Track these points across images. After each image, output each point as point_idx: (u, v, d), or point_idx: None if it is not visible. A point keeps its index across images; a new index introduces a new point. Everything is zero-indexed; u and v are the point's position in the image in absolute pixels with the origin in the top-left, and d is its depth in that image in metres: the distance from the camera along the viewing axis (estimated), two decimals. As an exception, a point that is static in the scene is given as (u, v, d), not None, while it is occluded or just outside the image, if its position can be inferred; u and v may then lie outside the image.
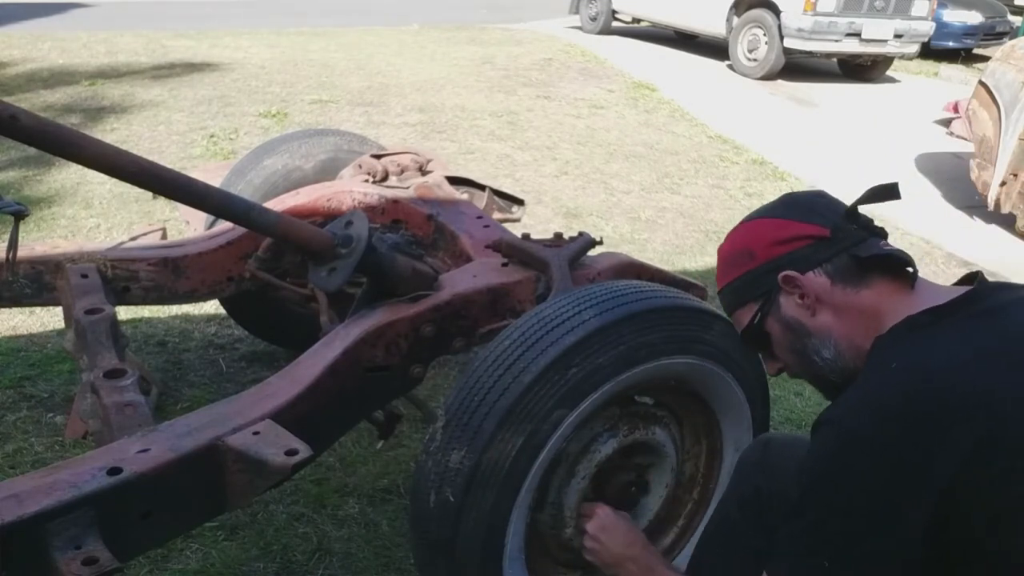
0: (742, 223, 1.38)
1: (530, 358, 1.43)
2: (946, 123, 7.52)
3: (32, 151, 4.10)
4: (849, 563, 1.07)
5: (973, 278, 1.25)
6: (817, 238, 1.26)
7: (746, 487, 1.49)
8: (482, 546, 1.45)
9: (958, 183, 5.65)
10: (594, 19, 11.12)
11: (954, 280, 1.30)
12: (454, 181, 2.51)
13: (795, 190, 1.37)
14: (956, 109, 7.45)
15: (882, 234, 1.29)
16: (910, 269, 1.23)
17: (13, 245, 1.63)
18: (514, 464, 1.42)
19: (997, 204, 4.81)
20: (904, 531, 1.04)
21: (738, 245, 1.35)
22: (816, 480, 1.11)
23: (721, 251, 1.40)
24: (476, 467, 1.40)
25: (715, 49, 9.94)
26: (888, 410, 1.06)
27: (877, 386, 1.12)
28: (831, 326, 1.26)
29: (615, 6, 10.80)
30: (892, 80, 9.90)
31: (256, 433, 1.38)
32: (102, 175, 1.49)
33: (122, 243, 2.18)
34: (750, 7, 9.04)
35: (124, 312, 2.79)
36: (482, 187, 2.59)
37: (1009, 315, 1.14)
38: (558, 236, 2.03)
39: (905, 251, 1.26)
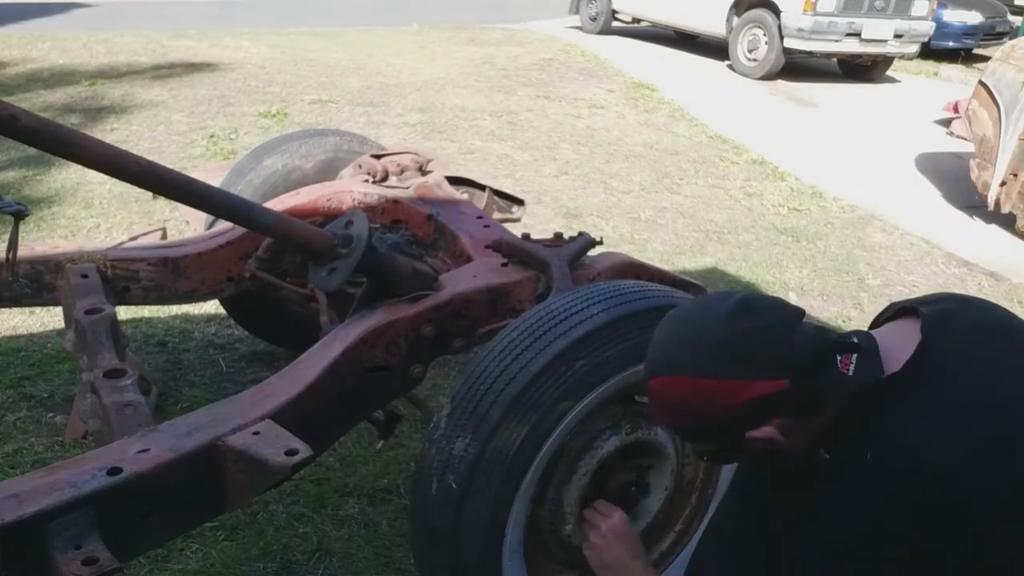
0: (675, 375, 1.16)
1: (538, 349, 1.44)
2: (946, 123, 7.52)
3: (32, 151, 4.10)
4: None
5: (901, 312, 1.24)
6: (773, 395, 1.12)
7: (748, 491, 1.47)
8: (483, 535, 1.46)
9: (958, 183, 5.65)
10: (594, 19, 11.11)
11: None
12: (454, 181, 2.51)
13: (738, 293, 1.24)
14: (956, 109, 7.45)
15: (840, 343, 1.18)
16: (855, 354, 1.16)
17: (13, 245, 1.63)
18: (518, 454, 1.42)
19: (997, 204, 4.81)
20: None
21: (681, 400, 1.16)
22: (855, 536, 1.11)
23: (657, 394, 1.20)
24: (480, 455, 1.41)
25: (715, 49, 9.94)
26: (925, 466, 1.07)
27: (865, 486, 1.11)
28: (804, 443, 1.21)
29: (615, 6, 10.80)
30: (892, 80, 9.90)
31: (256, 433, 1.38)
32: (102, 175, 1.49)
33: (122, 243, 2.18)
34: (750, 7, 9.04)
35: (124, 312, 2.79)
36: (482, 187, 2.59)
37: (965, 378, 1.14)
38: (558, 236, 2.03)
39: (846, 336, 1.20)
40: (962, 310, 1.24)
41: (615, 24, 11.10)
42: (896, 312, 1.29)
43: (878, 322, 1.35)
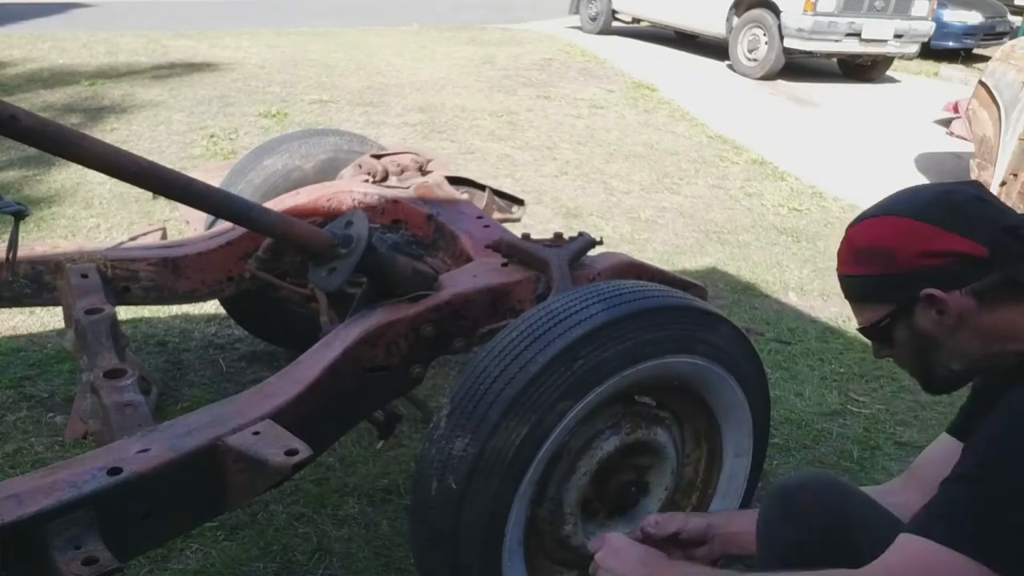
0: (885, 214, 1.23)
1: (537, 348, 1.44)
2: (946, 123, 7.51)
3: (32, 151, 4.10)
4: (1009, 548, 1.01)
5: None
6: (972, 257, 1.14)
7: (780, 545, 1.39)
8: (482, 536, 1.46)
9: (958, 183, 5.65)
10: (594, 19, 11.12)
11: None
12: (454, 181, 2.51)
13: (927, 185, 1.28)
14: (956, 109, 7.44)
15: None
16: None
17: (13, 245, 1.63)
18: (517, 454, 1.42)
19: (997, 204, 4.81)
20: None
21: (878, 240, 1.22)
22: (1002, 452, 1.06)
23: (854, 238, 1.27)
24: (480, 455, 1.41)
25: (715, 49, 9.94)
26: None
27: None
28: (968, 345, 1.19)
29: (615, 6, 10.80)
30: (892, 80, 9.90)
31: (256, 433, 1.38)
32: (102, 175, 1.49)
33: (122, 243, 2.18)
34: (750, 7, 9.04)
35: (124, 312, 2.79)
36: (482, 187, 2.59)
37: None
38: (558, 236, 2.03)
39: None
40: None
41: (615, 24, 11.10)
42: None
43: None
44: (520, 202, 2.67)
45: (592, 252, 2.01)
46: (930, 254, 1.16)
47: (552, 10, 12.85)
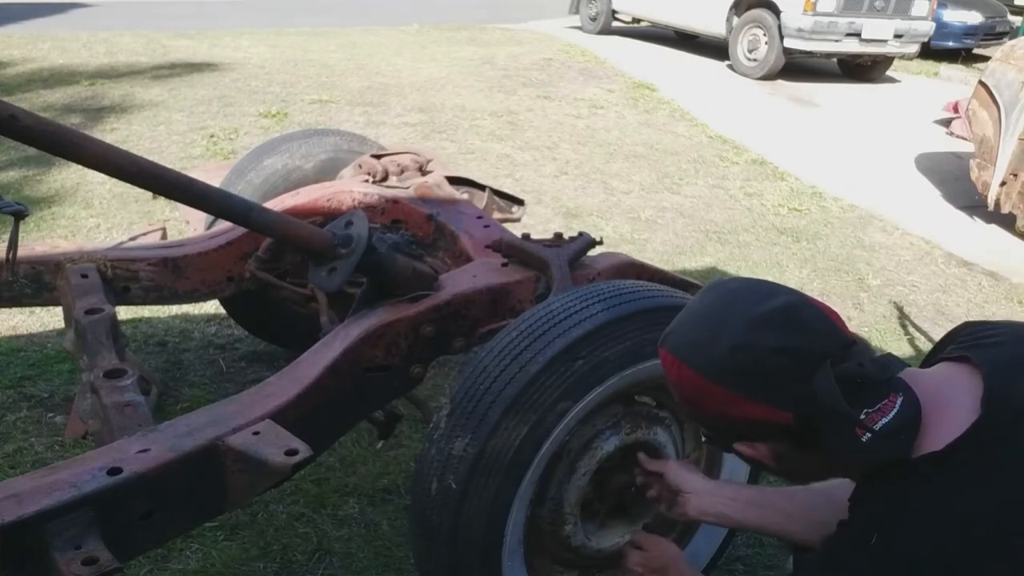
0: (689, 368, 1.08)
1: (537, 348, 1.44)
2: (946, 123, 7.52)
3: (32, 151, 4.10)
4: None
5: (954, 337, 1.14)
6: (773, 422, 1.03)
7: None
8: (482, 536, 1.46)
9: (958, 183, 5.65)
10: (594, 19, 11.11)
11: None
12: (454, 181, 2.51)
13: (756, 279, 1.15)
14: (956, 109, 7.45)
15: (864, 382, 1.02)
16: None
17: (13, 245, 1.63)
18: (517, 453, 1.42)
19: (997, 204, 4.81)
20: None
21: (685, 386, 1.11)
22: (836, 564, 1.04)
23: (667, 367, 1.15)
24: (480, 455, 1.41)
25: (715, 49, 9.94)
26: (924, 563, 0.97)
27: (900, 536, 0.99)
28: (787, 468, 1.14)
29: (615, 6, 10.80)
30: (892, 80, 9.90)
31: (256, 433, 1.38)
32: (102, 175, 1.49)
33: (122, 243, 2.18)
34: (750, 7, 9.03)
35: (124, 312, 2.79)
36: (482, 187, 2.59)
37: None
38: (558, 236, 2.03)
39: (885, 367, 1.04)
40: None
41: (615, 24, 11.09)
42: (956, 353, 1.12)
43: (934, 355, 1.20)
44: (520, 202, 2.67)
45: (592, 252, 2.01)
46: (728, 416, 1.06)
47: (552, 10, 12.85)
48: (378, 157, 2.52)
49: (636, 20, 10.98)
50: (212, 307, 3.05)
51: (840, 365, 1.01)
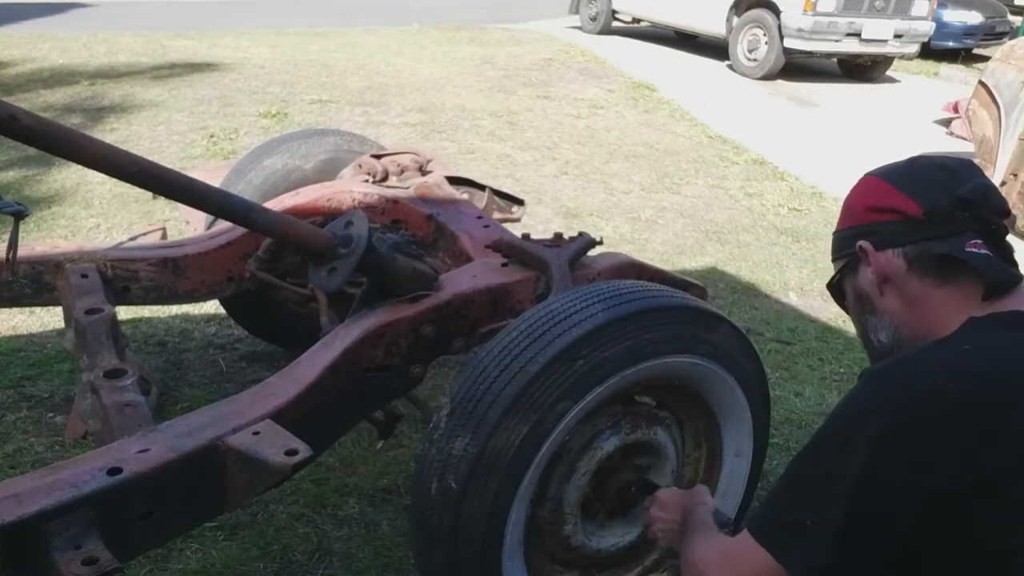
0: (865, 174, 1.28)
1: (537, 348, 1.44)
2: (946, 123, 7.51)
3: (32, 151, 4.10)
4: (831, 530, 1.01)
5: None
6: (906, 215, 1.15)
7: None
8: (482, 536, 1.46)
9: (958, 183, 5.65)
10: (594, 19, 11.11)
11: None
12: (454, 181, 2.51)
13: (916, 159, 1.29)
14: (956, 109, 7.45)
15: (992, 233, 1.14)
16: (992, 280, 1.12)
17: (13, 245, 1.63)
18: (518, 454, 1.42)
19: (997, 204, 4.81)
20: (904, 514, 0.99)
21: (849, 198, 1.28)
22: (835, 432, 1.06)
23: (856, 188, 1.30)
24: (480, 455, 1.41)
25: (715, 49, 9.94)
26: (929, 384, 1.01)
27: (930, 360, 1.06)
28: (895, 312, 1.19)
29: (615, 6, 10.80)
30: (892, 80, 9.90)
31: (256, 433, 1.38)
32: (102, 175, 1.49)
33: (122, 243, 2.18)
34: (750, 7, 9.03)
35: (124, 312, 2.79)
36: (482, 187, 2.59)
37: None
38: (558, 236, 2.03)
39: (1000, 263, 1.13)
40: None
41: (615, 24, 11.09)
42: None
43: None
44: (520, 202, 2.67)
45: (592, 252, 2.01)
46: (874, 209, 1.20)
47: (552, 10, 12.85)
48: (378, 157, 2.52)
49: (636, 20, 10.98)
50: (212, 307, 3.05)
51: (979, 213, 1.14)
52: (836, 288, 1.32)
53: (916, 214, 1.15)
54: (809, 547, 1.03)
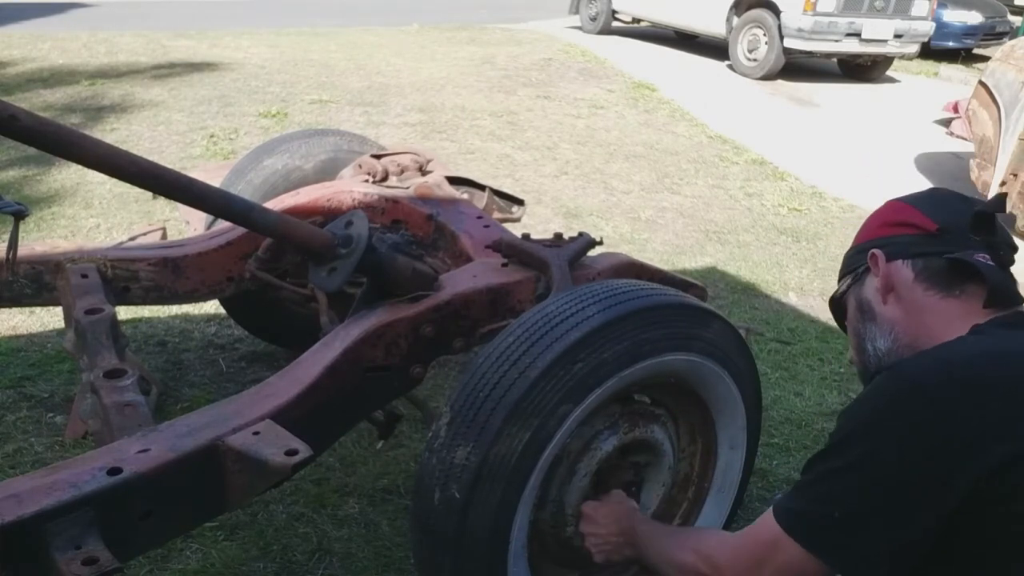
0: (887, 200, 1.35)
1: (536, 353, 1.43)
2: (946, 123, 7.52)
3: (32, 151, 4.10)
4: (866, 520, 1.00)
5: None
6: (922, 231, 1.22)
7: None
8: (488, 543, 1.45)
9: (958, 183, 5.65)
10: (594, 19, 11.11)
11: None
12: (454, 181, 2.51)
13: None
14: (956, 109, 7.45)
15: (1000, 259, 1.20)
16: (997, 293, 1.15)
17: (13, 245, 1.63)
18: (520, 460, 1.42)
19: (997, 204, 4.81)
20: (942, 499, 0.98)
21: (867, 220, 1.35)
22: (862, 423, 1.06)
23: (881, 209, 1.37)
24: (483, 463, 1.40)
25: (715, 49, 9.94)
26: (958, 370, 1.02)
27: (950, 350, 1.08)
28: (897, 320, 1.22)
29: (615, 6, 10.80)
30: (892, 80, 9.90)
31: (256, 433, 1.38)
32: (102, 175, 1.49)
33: (122, 243, 2.18)
34: (750, 7, 9.04)
35: (124, 312, 2.79)
36: (482, 187, 2.59)
37: None
38: (558, 236, 2.03)
39: (1007, 278, 1.18)
40: None
41: (615, 24, 11.10)
42: None
43: None
44: (520, 202, 2.67)
45: (592, 252, 2.01)
46: (890, 224, 1.27)
47: (552, 10, 12.85)
48: (378, 157, 2.52)
49: (636, 20, 10.98)
50: (212, 307, 3.05)
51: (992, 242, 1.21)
52: (838, 303, 1.35)
53: (931, 229, 1.21)
54: (846, 539, 1.03)
